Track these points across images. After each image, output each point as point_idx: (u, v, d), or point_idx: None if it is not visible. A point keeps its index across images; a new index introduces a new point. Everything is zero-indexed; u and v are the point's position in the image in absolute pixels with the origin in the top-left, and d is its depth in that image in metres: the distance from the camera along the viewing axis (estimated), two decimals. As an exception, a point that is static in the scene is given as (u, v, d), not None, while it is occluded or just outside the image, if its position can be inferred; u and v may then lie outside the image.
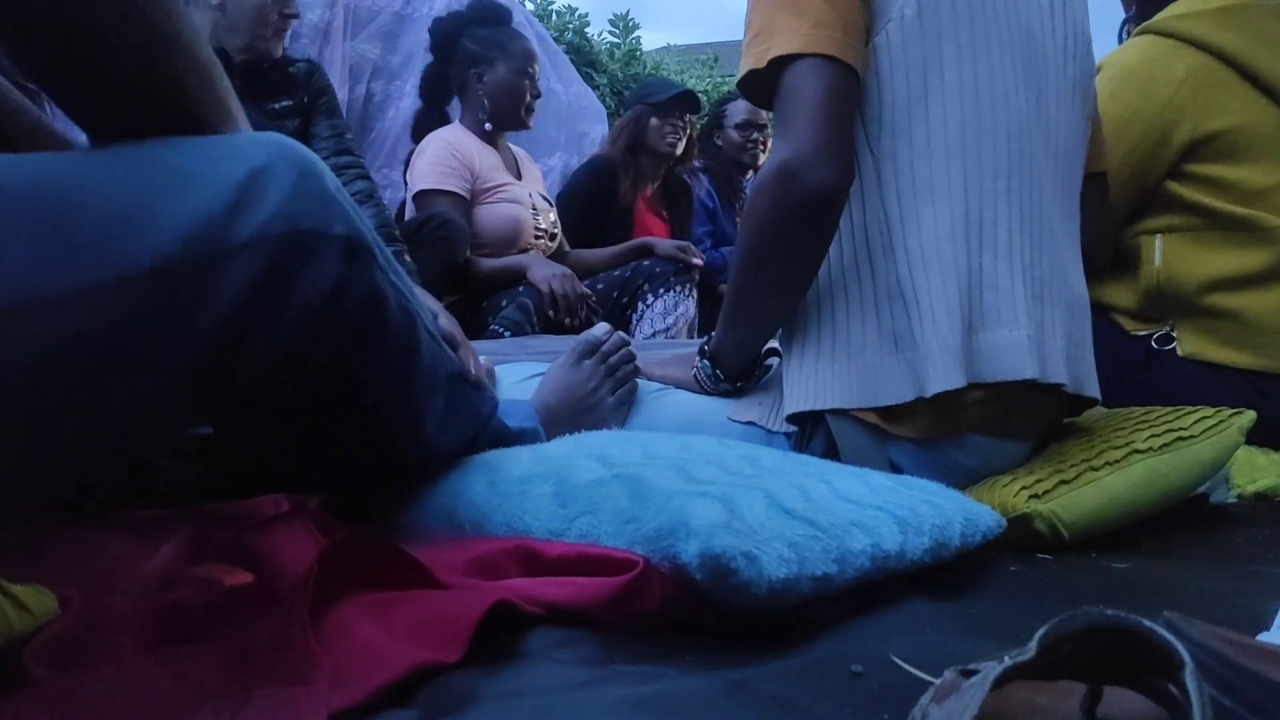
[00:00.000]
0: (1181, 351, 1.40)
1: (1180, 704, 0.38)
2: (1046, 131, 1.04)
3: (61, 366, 0.52)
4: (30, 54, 0.57)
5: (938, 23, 0.97)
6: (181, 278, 0.56)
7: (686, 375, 1.14)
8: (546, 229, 2.65)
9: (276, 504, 0.81)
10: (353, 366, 0.69)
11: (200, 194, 0.57)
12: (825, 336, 1.01)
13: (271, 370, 0.63)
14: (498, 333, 2.27)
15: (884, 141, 0.98)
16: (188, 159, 0.59)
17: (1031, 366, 0.95)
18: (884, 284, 0.99)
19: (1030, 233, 1.00)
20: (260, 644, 0.53)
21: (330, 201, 0.64)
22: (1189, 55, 1.39)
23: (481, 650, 0.56)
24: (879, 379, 0.98)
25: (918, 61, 0.97)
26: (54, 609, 0.53)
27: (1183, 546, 0.98)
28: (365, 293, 0.66)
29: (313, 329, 0.63)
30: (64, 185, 0.54)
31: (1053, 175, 1.05)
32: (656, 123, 3.01)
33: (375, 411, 0.73)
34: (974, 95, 0.98)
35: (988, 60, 0.98)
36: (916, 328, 0.96)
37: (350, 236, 0.64)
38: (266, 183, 0.60)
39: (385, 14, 3.49)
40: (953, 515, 0.80)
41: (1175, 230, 1.42)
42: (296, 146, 0.64)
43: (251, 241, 0.59)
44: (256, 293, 0.59)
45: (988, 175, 0.98)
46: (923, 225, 0.97)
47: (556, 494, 0.73)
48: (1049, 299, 1.00)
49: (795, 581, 0.63)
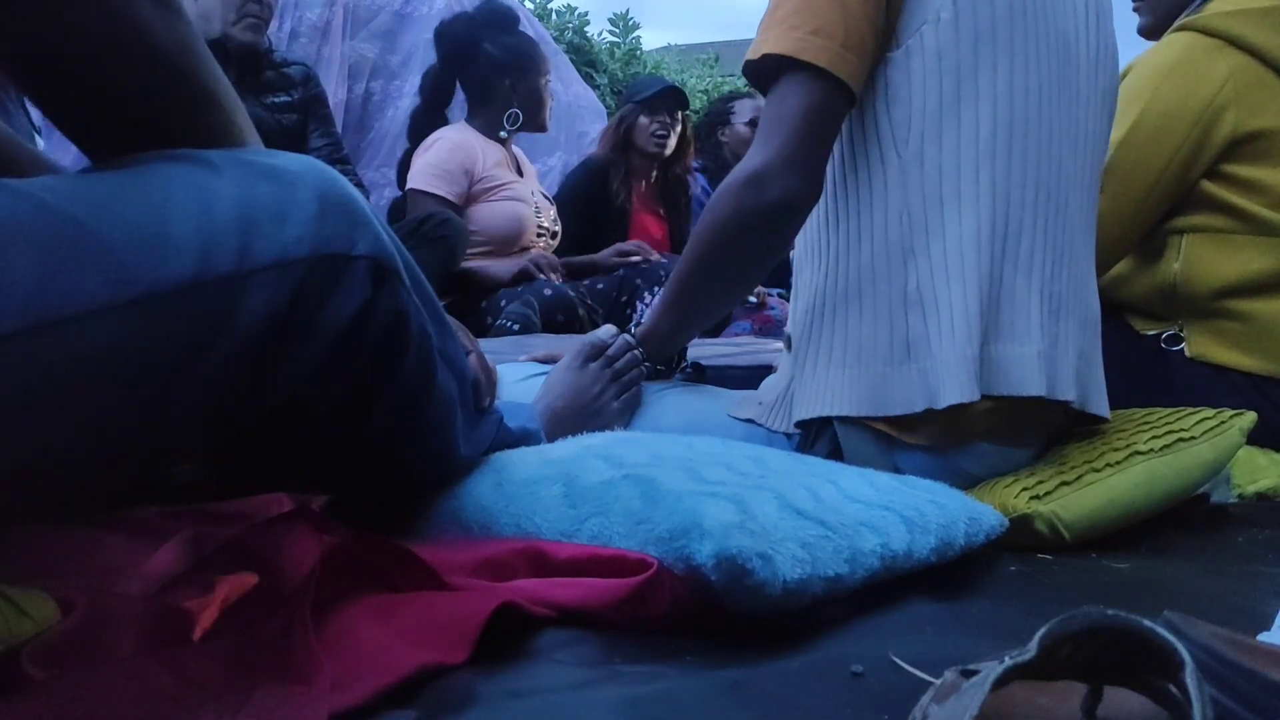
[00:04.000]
0: (1189, 352, 1.40)
1: (1180, 704, 0.38)
2: (1075, 142, 1.02)
3: (73, 390, 0.51)
4: (27, 71, 0.56)
5: (974, 27, 0.95)
6: (199, 300, 0.54)
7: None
8: (548, 227, 2.66)
9: (278, 503, 0.81)
10: (372, 390, 0.67)
11: (217, 213, 0.56)
12: (837, 341, 1.01)
13: (290, 397, 0.62)
14: (507, 327, 2.27)
15: (912, 145, 0.97)
16: (204, 177, 0.57)
17: (1039, 383, 0.95)
18: (900, 290, 0.97)
19: (1052, 245, 0.99)
20: (262, 644, 0.53)
21: (356, 222, 0.62)
22: (1231, 55, 1.38)
23: (483, 650, 0.56)
24: (889, 388, 0.97)
25: (952, 66, 0.96)
26: (54, 615, 0.53)
27: (1183, 546, 0.98)
28: (390, 316, 0.64)
29: (336, 354, 0.62)
30: (74, 204, 0.52)
31: (1079, 187, 1.03)
32: (645, 121, 3.02)
33: (389, 435, 0.72)
34: (1008, 102, 0.96)
35: (1024, 67, 0.97)
36: (934, 336, 0.95)
37: (377, 258, 0.62)
38: (289, 203, 0.58)
39: (385, 13, 3.50)
40: (957, 515, 0.80)
41: (1201, 230, 1.41)
42: (319, 165, 0.62)
43: (273, 264, 0.57)
44: (279, 318, 0.57)
45: (1015, 185, 0.97)
46: (947, 232, 0.96)
47: (566, 495, 0.73)
48: (1064, 314, 0.99)
49: (808, 582, 0.63)
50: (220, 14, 2.15)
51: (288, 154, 0.62)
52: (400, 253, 0.66)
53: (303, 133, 2.45)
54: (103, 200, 0.53)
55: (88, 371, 0.51)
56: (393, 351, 0.66)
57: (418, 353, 0.69)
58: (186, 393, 0.55)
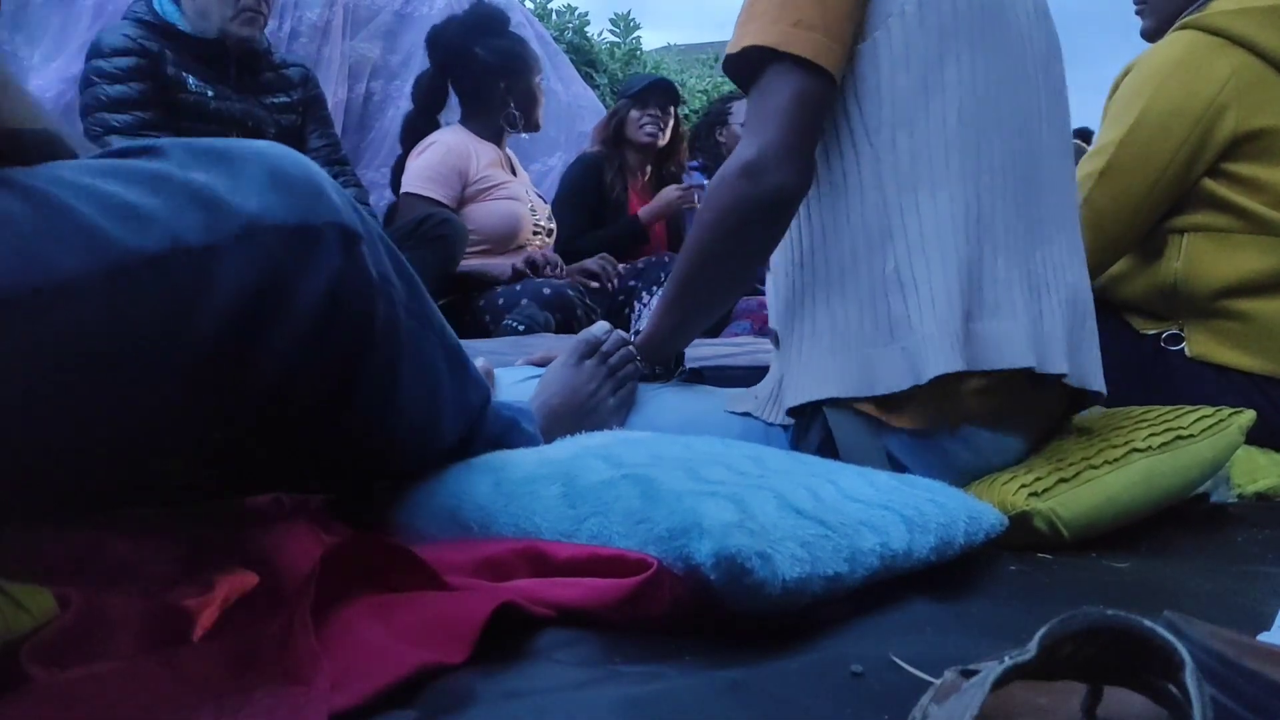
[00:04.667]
0: (1190, 352, 1.40)
1: (1180, 704, 0.38)
2: (1040, 130, 1.04)
3: (55, 365, 0.52)
4: None
5: (939, 21, 0.98)
6: (173, 273, 0.55)
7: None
8: (544, 225, 2.67)
9: (278, 503, 0.81)
10: (354, 358, 0.68)
11: (177, 191, 0.57)
12: (823, 328, 1.02)
13: (278, 375, 0.63)
14: (513, 328, 2.27)
15: (883, 134, 0.99)
16: (155, 161, 0.59)
17: (1028, 355, 0.96)
18: (880, 273, 0.99)
19: (1026, 229, 1.01)
20: (262, 644, 0.53)
21: (316, 192, 0.63)
22: (1233, 54, 1.38)
23: (483, 650, 0.56)
24: (875, 368, 0.98)
25: (919, 58, 0.98)
26: (52, 609, 0.53)
27: (1183, 546, 0.98)
28: (362, 280, 0.65)
29: (316, 324, 0.63)
30: (46, 183, 0.53)
31: (1049, 173, 1.05)
32: (636, 114, 3.05)
33: (376, 400, 0.72)
34: (973, 93, 0.98)
35: (985, 60, 0.99)
36: (915, 313, 0.96)
37: (342, 225, 0.64)
38: (243, 179, 0.60)
39: (385, 13, 3.50)
40: (957, 514, 0.80)
41: (1202, 229, 1.40)
42: (270, 144, 0.64)
43: (242, 236, 0.58)
44: (255, 291, 0.59)
45: (985, 170, 0.99)
46: (922, 213, 0.97)
47: (565, 495, 0.73)
48: (1045, 292, 1.01)
49: (808, 581, 0.63)
50: (218, 10, 2.16)
51: (234, 139, 0.64)
52: (363, 218, 0.67)
53: (301, 134, 2.45)
54: (72, 179, 0.55)
55: (69, 346, 0.52)
56: (369, 317, 0.67)
57: (392, 313, 0.70)
58: (169, 370, 0.56)
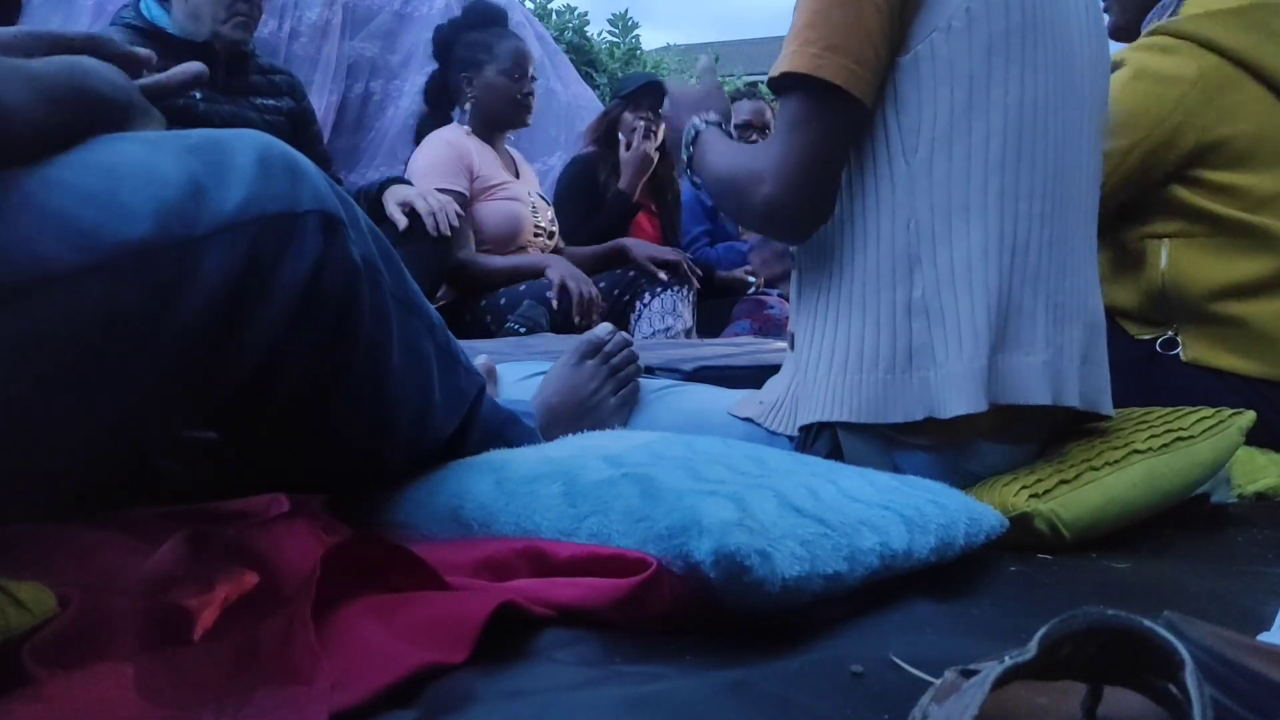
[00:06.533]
0: (1185, 357, 1.39)
1: (1180, 704, 0.38)
2: (1079, 150, 1.02)
3: (36, 355, 0.52)
4: None
5: (988, 38, 0.94)
6: (156, 265, 0.56)
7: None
8: (545, 227, 2.66)
9: (277, 503, 0.81)
10: (339, 343, 0.68)
11: (163, 181, 0.57)
12: (839, 345, 1.01)
13: (262, 362, 0.63)
14: (515, 330, 2.27)
15: (920, 153, 0.96)
16: (145, 150, 0.59)
17: (1045, 392, 0.95)
18: (905, 297, 0.97)
19: (1057, 256, 0.99)
20: (262, 644, 0.53)
21: (299, 178, 0.63)
22: (1202, 57, 1.37)
23: (483, 650, 0.56)
24: (890, 395, 0.97)
25: (964, 76, 0.95)
26: (53, 607, 0.53)
27: (1183, 546, 0.98)
28: (345, 266, 0.66)
29: (299, 311, 0.63)
30: (26, 179, 0.53)
31: (1080, 195, 1.03)
32: (629, 116, 3.05)
33: (364, 387, 0.72)
34: (1018, 113, 0.96)
35: (1033, 77, 0.96)
36: (940, 345, 0.95)
37: (324, 211, 0.64)
38: (229, 168, 0.60)
39: (384, 13, 3.49)
40: (957, 515, 0.80)
41: (1182, 236, 1.40)
42: (254, 132, 0.64)
43: (225, 226, 0.58)
44: (237, 280, 0.59)
45: (1023, 196, 0.97)
46: (955, 242, 0.96)
47: (565, 493, 0.73)
48: (1068, 322, 1.00)
49: (807, 580, 0.63)
50: (210, 13, 2.16)
51: (222, 129, 0.64)
52: (345, 203, 0.67)
53: (290, 139, 2.45)
54: (53, 174, 0.55)
55: (53, 338, 0.52)
56: (353, 301, 0.67)
57: (378, 298, 0.70)
58: (154, 361, 0.57)
